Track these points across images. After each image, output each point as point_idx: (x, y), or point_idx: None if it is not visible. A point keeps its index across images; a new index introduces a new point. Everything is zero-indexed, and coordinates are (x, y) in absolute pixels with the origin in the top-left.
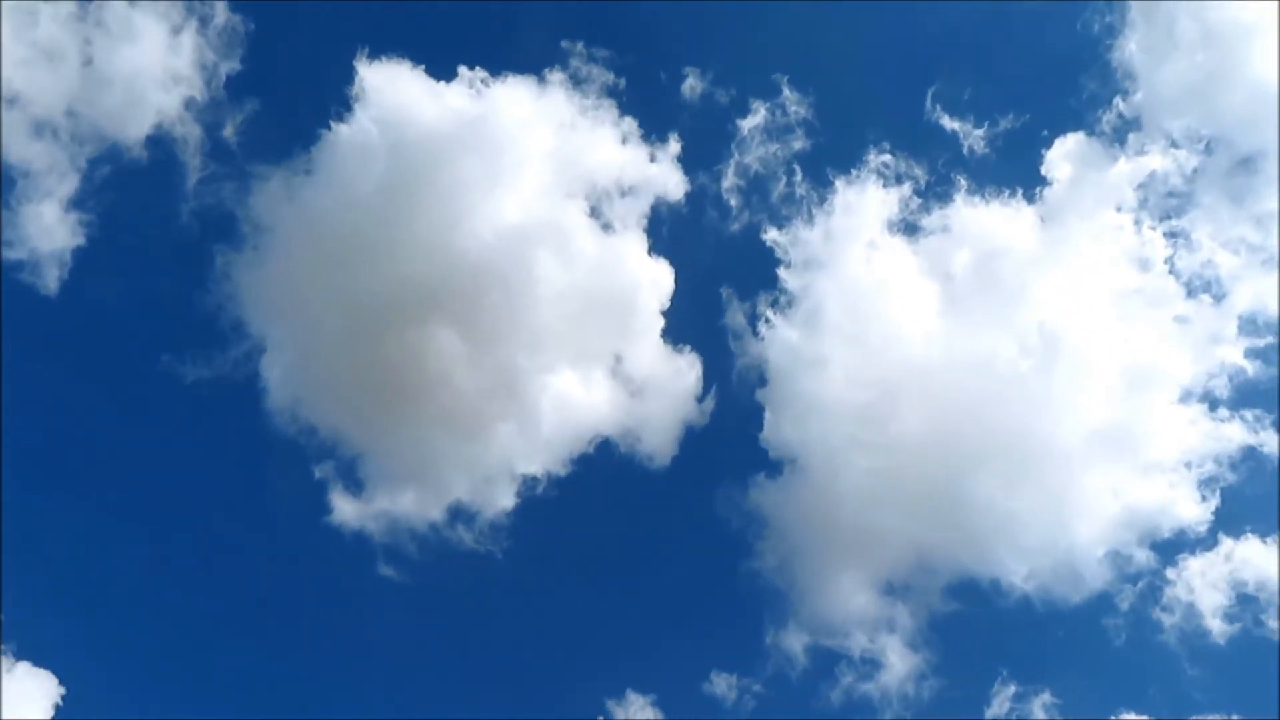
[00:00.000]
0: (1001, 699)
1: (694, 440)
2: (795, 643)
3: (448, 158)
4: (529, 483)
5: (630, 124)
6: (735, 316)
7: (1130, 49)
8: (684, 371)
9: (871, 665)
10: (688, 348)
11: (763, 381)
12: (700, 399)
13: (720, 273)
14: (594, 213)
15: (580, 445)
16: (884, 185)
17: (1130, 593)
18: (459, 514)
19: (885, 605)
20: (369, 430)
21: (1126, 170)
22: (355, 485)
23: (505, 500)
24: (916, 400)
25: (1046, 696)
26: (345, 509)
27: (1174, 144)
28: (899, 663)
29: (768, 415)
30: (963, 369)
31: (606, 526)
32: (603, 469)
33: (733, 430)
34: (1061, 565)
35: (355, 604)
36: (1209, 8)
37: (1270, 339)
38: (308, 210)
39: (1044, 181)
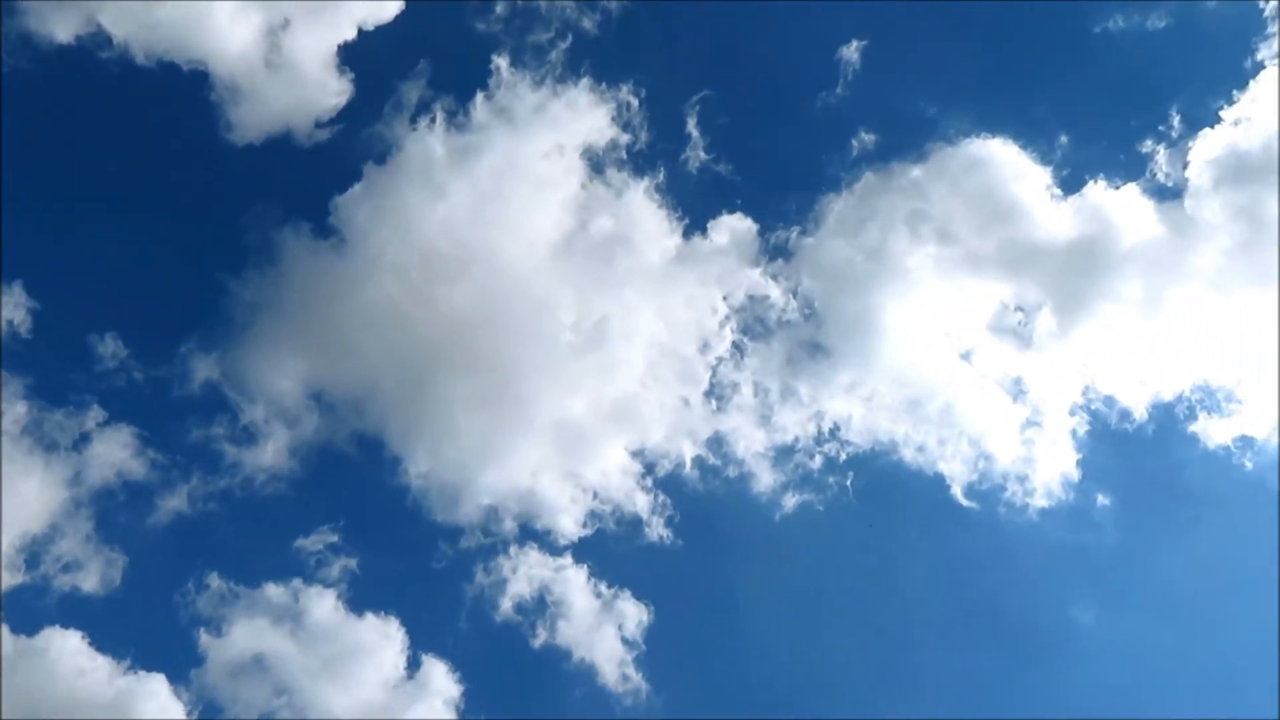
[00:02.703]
0: (319, 540)
1: (286, 147)
2: (204, 370)
3: None
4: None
5: None
6: (430, 94)
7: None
8: (339, 92)
9: (248, 438)
10: (366, 75)
11: (388, 159)
12: (331, 122)
13: (450, 55)
14: None
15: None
16: (613, 121)
17: (476, 540)
18: None
19: (302, 407)
20: None
21: (753, 279)
22: None
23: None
24: (481, 288)
25: (348, 561)
26: None
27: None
28: (269, 454)
29: (361, 186)
30: (530, 297)
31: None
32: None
33: (325, 169)
34: (451, 487)
35: None
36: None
37: (720, 463)
38: None
39: (704, 232)
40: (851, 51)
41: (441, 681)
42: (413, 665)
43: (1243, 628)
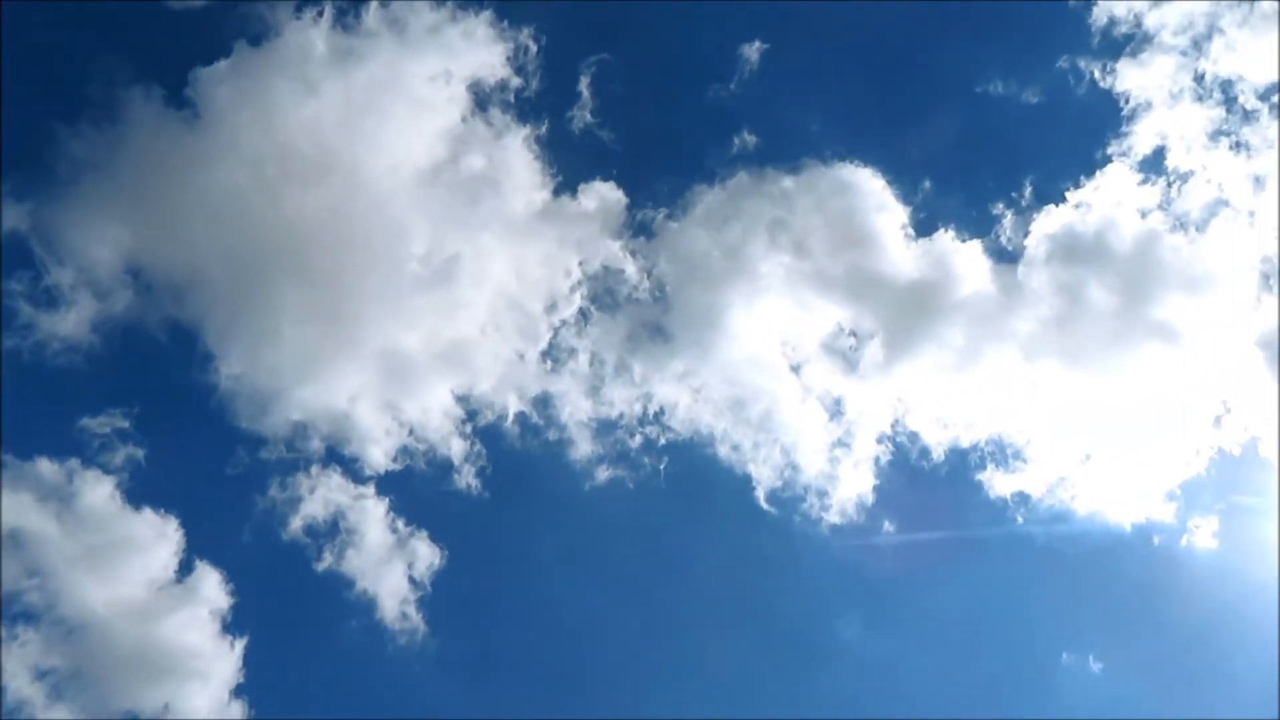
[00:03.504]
0: (107, 423)
1: (153, 4)
2: (12, 219)
3: None
4: None
5: None
6: None
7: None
8: None
9: (48, 300)
10: None
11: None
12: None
13: None
14: None
15: None
16: (507, 61)
17: (278, 453)
18: None
19: (117, 281)
20: None
21: (612, 250)
22: None
23: None
24: (336, 199)
25: (134, 450)
26: None
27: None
28: (70, 322)
29: (228, 64)
30: (385, 219)
31: None
32: None
33: (192, 37)
34: (262, 395)
35: None
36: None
37: (543, 424)
38: None
39: (574, 194)
40: (753, 51)
41: (212, 590)
42: (184, 569)
43: (985, 656)
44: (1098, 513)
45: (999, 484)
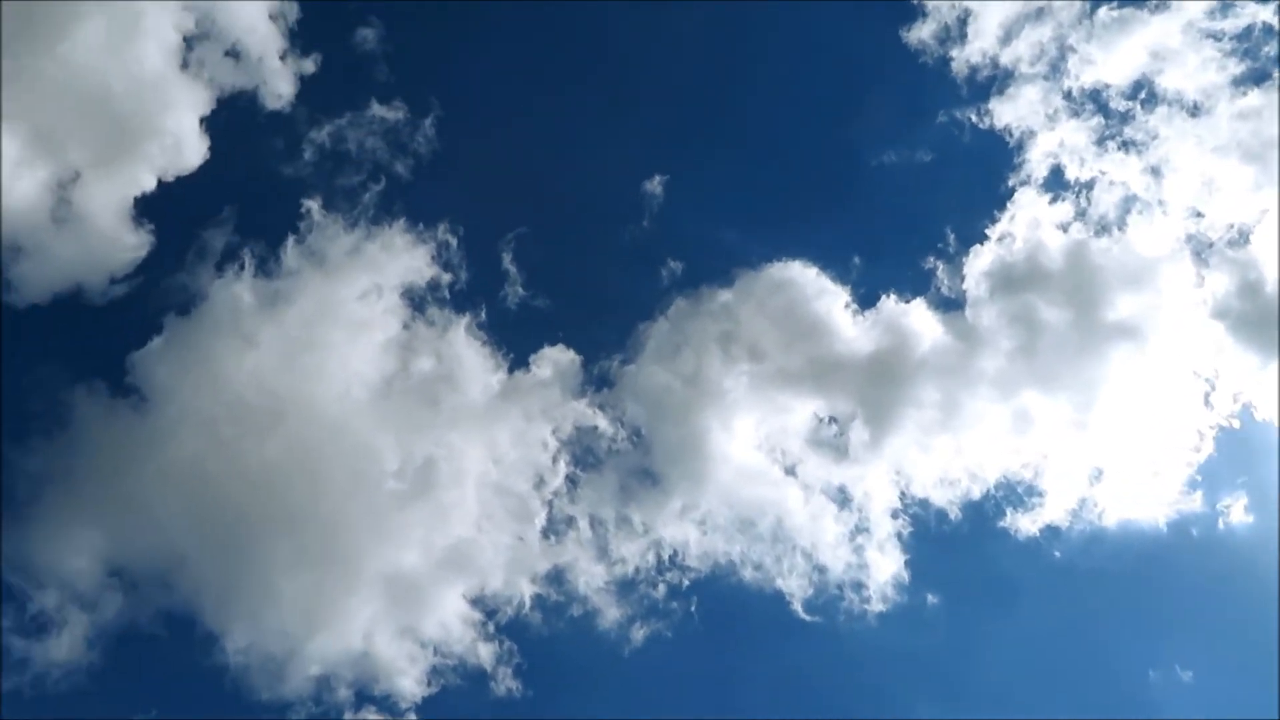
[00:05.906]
0: None
1: (77, 305)
2: None
3: None
4: None
5: None
6: (237, 240)
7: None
8: (137, 245)
9: (38, 629)
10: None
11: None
12: (128, 277)
13: (258, 200)
14: None
15: None
16: (432, 260)
17: (307, 712)
18: None
19: (102, 587)
20: None
21: (579, 409)
22: None
23: None
24: (295, 439)
25: None
26: None
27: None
28: (65, 645)
29: (161, 340)
30: (349, 445)
31: None
32: None
33: (121, 325)
34: (275, 660)
35: None
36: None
37: (563, 600)
38: None
39: (527, 367)
40: (655, 185)
41: None
42: None
43: (1077, 700)
44: (1129, 521)
45: (1023, 524)
